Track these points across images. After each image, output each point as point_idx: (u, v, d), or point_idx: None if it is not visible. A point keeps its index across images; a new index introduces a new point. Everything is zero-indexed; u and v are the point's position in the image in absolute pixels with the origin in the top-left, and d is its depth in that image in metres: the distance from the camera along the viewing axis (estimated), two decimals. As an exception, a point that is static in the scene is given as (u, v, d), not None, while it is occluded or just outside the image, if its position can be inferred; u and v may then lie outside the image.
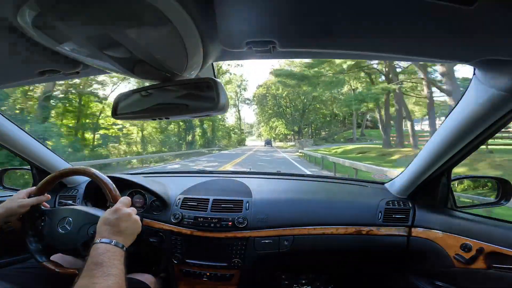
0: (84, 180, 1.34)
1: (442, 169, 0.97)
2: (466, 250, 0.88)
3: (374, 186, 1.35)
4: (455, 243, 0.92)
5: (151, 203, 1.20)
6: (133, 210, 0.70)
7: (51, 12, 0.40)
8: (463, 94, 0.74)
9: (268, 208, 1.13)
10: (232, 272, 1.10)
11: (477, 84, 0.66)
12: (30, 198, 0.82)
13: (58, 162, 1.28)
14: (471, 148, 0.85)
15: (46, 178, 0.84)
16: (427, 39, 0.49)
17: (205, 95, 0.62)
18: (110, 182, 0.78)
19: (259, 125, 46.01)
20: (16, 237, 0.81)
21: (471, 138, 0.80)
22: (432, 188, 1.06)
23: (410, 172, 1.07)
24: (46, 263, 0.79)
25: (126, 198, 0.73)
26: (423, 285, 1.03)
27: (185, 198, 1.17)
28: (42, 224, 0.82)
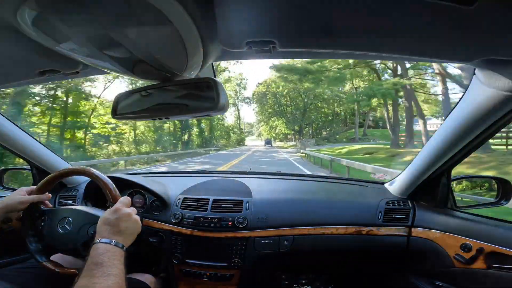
0: (84, 180, 1.34)
1: (442, 169, 0.97)
2: (466, 250, 0.88)
3: (374, 186, 1.35)
4: (455, 243, 0.92)
5: (151, 203, 1.20)
6: (133, 210, 0.70)
7: (51, 12, 0.40)
8: (463, 94, 0.74)
9: (268, 208, 1.13)
10: (232, 272, 1.10)
11: (477, 84, 0.67)
12: (31, 195, 0.81)
13: (58, 162, 1.28)
14: (471, 148, 0.85)
15: (46, 178, 0.84)
16: (427, 39, 0.49)
17: (205, 95, 0.62)
18: (110, 182, 0.78)
19: (259, 124, 45.30)
20: (16, 237, 0.81)
21: (471, 138, 0.80)
22: (432, 188, 1.06)
23: (410, 172, 1.07)
24: (46, 263, 0.79)
25: (126, 198, 0.73)
26: (423, 285, 1.03)
27: (185, 198, 1.17)
28: (42, 224, 0.82)
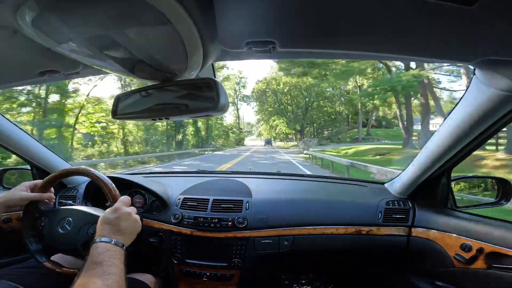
0: (84, 180, 1.34)
1: (442, 169, 0.97)
2: (466, 250, 0.88)
3: (374, 186, 1.35)
4: (455, 243, 0.92)
5: (151, 203, 1.20)
6: (132, 209, 0.70)
7: (51, 12, 0.40)
8: (463, 94, 0.74)
9: (268, 208, 1.13)
10: (232, 272, 1.10)
11: (477, 84, 0.67)
12: (32, 193, 0.81)
13: (58, 162, 1.28)
14: (471, 148, 0.85)
15: (46, 178, 0.84)
16: (428, 39, 0.49)
17: (205, 95, 0.62)
18: (110, 181, 0.78)
19: (259, 124, 44.52)
20: (16, 237, 0.81)
21: (471, 138, 0.80)
22: (432, 188, 1.06)
23: (410, 172, 1.07)
24: (46, 263, 0.79)
25: (125, 198, 0.72)
26: (423, 285, 1.03)
27: (185, 198, 1.17)
28: (42, 224, 0.82)
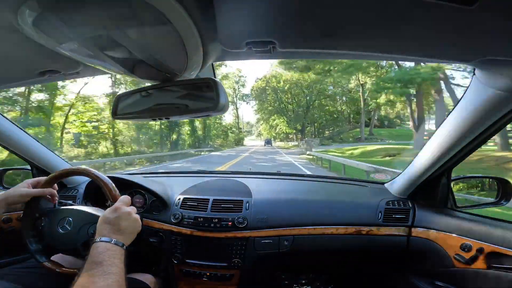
0: (84, 180, 1.34)
1: (442, 169, 0.97)
2: (466, 250, 0.88)
3: (374, 186, 1.35)
4: (455, 243, 0.92)
5: (151, 203, 1.20)
6: (132, 209, 0.70)
7: (51, 12, 0.40)
8: (463, 94, 0.74)
9: (268, 208, 1.13)
10: (232, 272, 1.10)
11: (477, 84, 0.67)
12: (33, 189, 0.80)
13: (58, 162, 1.28)
14: (471, 148, 0.85)
15: (46, 178, 0.84)
16: (427, 39, 0.49)
17: (205, 95, 0.62)
18: (110, 181, 0.78)
19: (258, 123, 43.68)
20: (16, 237, 0.81)
21: (471, 138, 0.80)
22: (432, 188, 1.06)
23: (410, 172, 1.07)
24: (46, 263, 0.79)
25: (125, 197, 0.72)
26: (423, 285, 1.03)
27: (185, 198, 1.17)
28: (42, 224, 0.82)
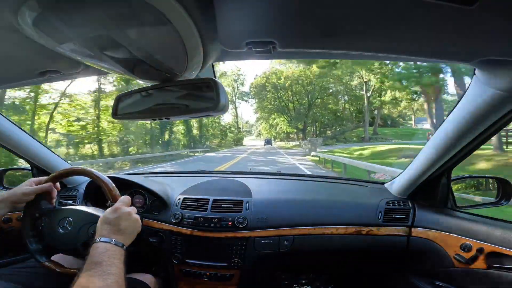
0: (84, 180, 1.34)
1: (442, 169, 0.97)
2: (466, 250, 0.88)
3: (374, 186, 1.35)
4: (455, 243, 0.92)
5: (151, 203, 1.20)
6: (132, 209, 0.70)
7: (52, 12, 0.40)
8: (463, 94, 0.74)
9: (268, 208, 1.13)
10: (232, 272, 1.10)
11: (477, 84, 0.67)
12: (34, 187, 0.80)
13: (58, 162, 1.28)
14: (472, 148, 0.85)
15: (46, 178, 0.84)
16: (427, 39, 0.49)
17: (205, 96, 0.62)
18: (110, 181, 0.78)
19: (258, 122, 42.66)
20: (16, 237, 0.81)
21: (471, 138, 0.80)
22: (432, 188, 1.06)
23: (410, 172, 1.07)
24: (46, 263, 0.79)
25: (125, 197, 0.73)
26: (423, 285, 1.03)
27: (185, 198, 1.17)
28: (42, 224, 0.82)
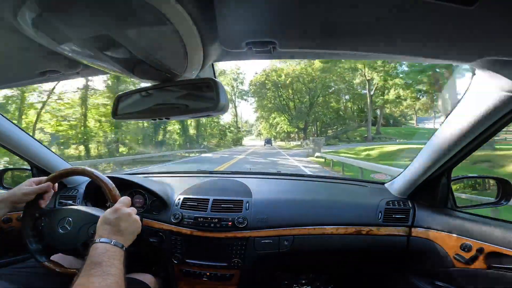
0: (84, 180, 1.34)
1: (442, 169, 0.97)
2: (466, 250, 0.88)
3: (374, 186, 1.35)
4: (455, 243, 0.92)
5: (151, 203, 1.20)
6: (132, 210, 0.70)
7: (51, 12, 0.40)
8: (463, 95, 0.74)
9: (268, 208, 1.13)
10: (232, 272, 1.10)
11: (477, 84, 0.67)
12: (34, 187, 0.81)
13: (58, 162, 1.28)
14: (472, 148, 0.85)
15: (46, 178, 0.84)
16: (427, 39, 0.49)
17: (205, 96, 0.62)
18: (110, 182, 0.78)
19: (258, 121, 41.82)
20: (16, 237, 0.81)
21: (472, 138, 0.80)
22: (432, 188, 1.06)
23: (410, 172, 1.07)
24: (46, 263, 0.79)
25: (126, 198, 0.73)
26: (423, 285, 1.03)
27: (185, 198, 1.17)
28: (42, 224, 0.82)
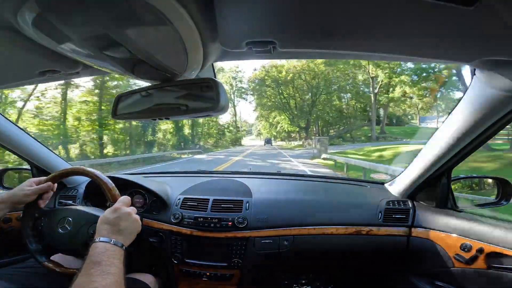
0: (84, 180, 1.34)
1: (442, 169, 0.97)
2: (466, 250, 0.88)
3: (374, 186, 1.35)
4: (455, 243, 0.92)
5: (151, 203, 1.20)
6: (132, 210, 0.70)
7: (51, 12, 0.40)
8: (463, 95, 0.74)
9: (268, 208, 1.13)
10: (232, 272, 1.10)
11: (477, 84, 0.67)
12: (35, 187, 0.80)
13: (58, 162, 1.28)
14: (472, 148, 0.85)
15: (46, 178, 0.84)
16: (427, 40, 0.49)
17: (205, 96, 0.62)
18: (110, 181, 0.78)
19: (257, 120, 40.63)
20: (16, 237, 0.81)
21: (472, 138, 0.80)
22: (432, 188, 1.06)
23: (410, 172, 1.07)
24: (46, 263, 0.79)
25: (125, 198, 0.72)
26: (423, 285, 1.03)
27: (185, 198, 1.17)
28: (42, 224, 0.82)
